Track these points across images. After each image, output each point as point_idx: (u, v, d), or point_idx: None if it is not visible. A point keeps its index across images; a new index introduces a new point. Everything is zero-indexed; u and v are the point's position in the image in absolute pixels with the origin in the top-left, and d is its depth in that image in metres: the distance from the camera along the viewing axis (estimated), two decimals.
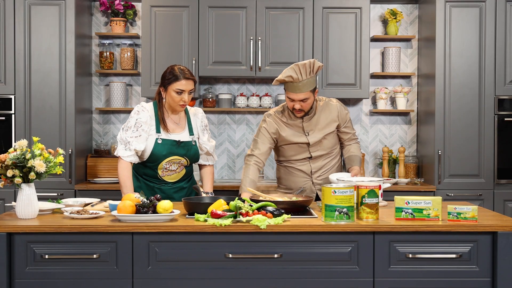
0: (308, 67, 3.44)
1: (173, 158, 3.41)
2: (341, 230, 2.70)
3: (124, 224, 2.70)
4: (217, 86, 5.25)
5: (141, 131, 3.36)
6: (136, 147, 3.34)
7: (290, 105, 3.54)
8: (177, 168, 3.45)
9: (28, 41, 4.67)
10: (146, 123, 3.38)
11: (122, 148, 3.37)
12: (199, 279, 2.70)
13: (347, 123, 3.71)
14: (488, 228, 2.72)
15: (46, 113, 4.69)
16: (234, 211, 2.78)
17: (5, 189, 4.58)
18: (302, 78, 3.43)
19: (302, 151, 3.65)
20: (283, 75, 3.46)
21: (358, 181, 3.24)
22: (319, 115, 3.65)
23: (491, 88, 4.74)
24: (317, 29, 4.87)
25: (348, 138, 3.75)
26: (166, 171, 3.44)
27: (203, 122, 3.55)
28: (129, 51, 5.13)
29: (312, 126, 3.64)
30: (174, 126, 3.46)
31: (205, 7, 4.85)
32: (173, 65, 3.43)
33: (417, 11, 5.25)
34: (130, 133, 3.36)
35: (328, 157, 3.70)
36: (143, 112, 3.40)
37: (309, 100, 3.51)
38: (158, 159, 3.39)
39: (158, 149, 3.37)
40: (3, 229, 2.66)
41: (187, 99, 3.37)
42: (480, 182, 4.76)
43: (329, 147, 3.68)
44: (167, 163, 3.41)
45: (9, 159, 2.76)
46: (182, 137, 3.44)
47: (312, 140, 3.62)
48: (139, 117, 3.38)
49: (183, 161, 3.44)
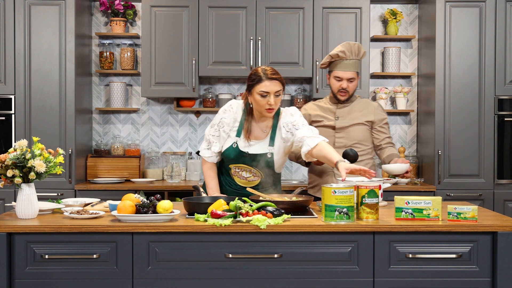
0: (356, 49, 3.57)
1: (240, 165, 3.28)
2: (341, 230, 2.70)
3: (124, 224, 2.70)
4: (217, 86, 5.25)
5: (222, 132, 3.27)
6: (216, 149, 3.29)
7: (337, 85, 3.61)
8: (249, 176, 3.30)
9: (28, 41, 4.67)
10: (229, 124, 3.27)
11: (205, 147, 3.34)
12: (199, 279, 2.70)
13: (383, 124, 3.68)
14: (488, 228, 2.72)
15: (46, 113, 4.69)
16: (234, 211, 2.78)
17: (5, 189, 4.58)
18: (351, 56, 3.57)
19: (328, 135, 3.60)
20: (336, 50, 3.57)
21: (358, 181, 3.24)
22: (354, 105, 3.69)
23: (491, 88, 4.74)
24: (317, 29, 4.87)
25: (384, 139, 3.67)
26: (237, 173, 3.32)
27: (291, 121, 3.22)
28: (129, 51, 5.13)
29: (344, 113, 3.66)
30: (257, 133, 3.27)
31: (205, 7, 4.85)
32: (258, 67, 3.25)
33: (417, 11, 5.25)
34: (213, 131, 3.30)
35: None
36: (229, 112, 3.28)
37: (354, 82, 3.61)
38: (227, 161, 3.30)
39: (228, 151, 3.27)
40: (3, 229, 2.66)
41: (273, 102, 3.13)
42: (480, 182, 4.76)
43: (356, 139, 3.62)
44: (235, 167, 3.30)
45: (9, 159, 2.76)
46: (257, 149, 3.24)
47: (339, 124, 3.63)
48: (223, 117, 3.28)
49: (254, 170, 3.28)
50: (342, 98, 3.63)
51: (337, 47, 3.59)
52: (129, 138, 5.26)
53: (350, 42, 3.59)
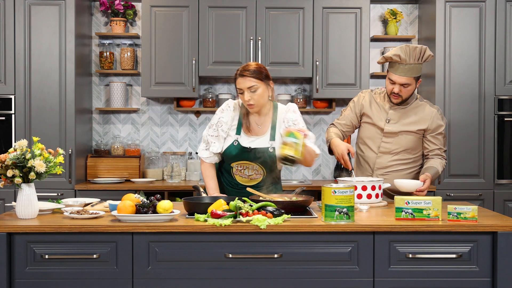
0: (418, 52, 3.33)
1: (242, 163, 3.28)
2: (341, 230, 2.70)
3: (124, 224, 2.70)
4: (217, 86, 5.25)
5: (220, 131, 3.27)
6: (214, 149, 3.28)
7: (390, 88, 3.41)
8: (251, 174, 3.30)
9: (28, 41, 4.67)
10: (227, 123, 3.27)
11: (203, 148, 3.33)
12: (199, 279, 2.70)
13: (437, 133, 3.46)
14: (488, 228, 2.71)
15: (46, 113, 4.69)
16: (234, 211, 2.78)
17: (5, 189, 4.58)
18: (409, 61, 3.33)
19: (375, 136, 3.50)
20: (391, 53, 3.35)
21: (358, 181, 3.24)
22: (409, 110, 3.48)
23: (491, 88, 4.74)
24: (317, 29, 4.87)
25: (433, 150, 3.47)
26: (239, 172, 3.31)
27: (290, 120, 3.26)
28: (129, 51, 5.13)
29: (396, 117, 3.47)
30: (256, 129, 3.28)
31: (205, 7, 4.85)
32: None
33: (417, 11, 5.25)
34: (211, 131, 3.30)
35: (399, 161, 3.50)
36: (227, 111, 3.30)
37: (410, 87, 3.38)
38: (229, 159, 3.29)
39: (230, 149, 3.26)
40: (3, 229, 2.66)
41: (246, 98, 3.15)
42: (480, 182, 4.76)
43: (404, 146, 3.46)
44: (237, 165, 3.29)
45: (9, 159, 2.76)
46: (259, 143, 3.25)
47: (388, 128, 3.46)
48: (221, 116, 3.29)
49: (256, 166, 3.28)
50: (395, 101, 3.44)
51: (394, 49, 3.36)
52: (129, 138, 5.26)
53: (410, 45, 3.34)
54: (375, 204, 3.22)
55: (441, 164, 3.46)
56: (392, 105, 3.49)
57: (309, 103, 5.24)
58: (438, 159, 3.47)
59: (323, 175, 5.28)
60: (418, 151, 3.53)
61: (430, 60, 3.42)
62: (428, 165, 3.44)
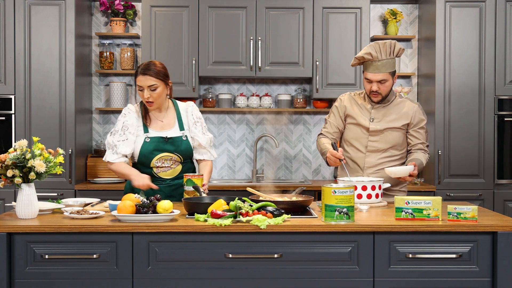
0: (388, 47, 3.37)
1: (162, 155, 3.36)
2: (341, 230, 2.70)
3: (124, 224, 2.70)
4: (217, 86, 5.25)
5: (128, 134, 3.34)
6: (123, 151, 3.32)
7: (368, 87, 3.43)
8: (171, 164, 3.39)
9: (28, 41, 4.67)
10: (133, 125, 3.35)
11: (110, 153, 3.35)
12: (199, 279, 2.70)
13: (419, 127, 3.50)
14: (488, 228, 2.72)
15: (46, 113, 4.69)
16: (234, 211, 2.78)
17: (5, 189, 4.58)
18: (381, 57, 3.37)
19: (361, 136, 3.51)
20: (362, 52, 3.39)
21: (358, 181, 3.24)
22: (392, 107, 3.51)
23: (491, 88, 4.74)
24: (317, 29, 4.87)
25: (416, 144, 3.51)
26: (160, 168, 3.38)
27: (194, 115, 3.45)
28: (129, 51, 5.13)
29: (379, 115, 3.50)
30: (160, 124, 3.40)
31: (205, 7, 4.85)
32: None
33: (417, 11, 5.25)
34: (117, 137, 3.34)
35: (388, 158, 3.51)
36: (130, 114, 3.38)
37: (387, 83, 3.41)
38: (147, 157, 3.35)
39: (145, 147, 3.34)
40: (3, 229, 2.66)
41: (145, 96, 3.28)
42: (480, 182, 4.76)
43: (391, 143, 3.49)
44: (157, 161, 3.36)
45: (9, 159, 2.76)
46: (170, 134, 3.38)
47: (373, 127, 3.48)
48: (125, 120, 3.36)
49: (175, 157, 3.39)
50: (375, 99, 3.46)
51: (364, 48, 3.40)
52: None
53: (379, 42, 3.39)
54: (375, 204, 3.22)
55: (424, 158, 3.48)
56: (373, 105, 3.53)
57: (309, 103, 5.24)
58: (421, 152, 3.50)
59: (323, 175, 5.29)
60: (405, 147, 3.57)
61: (401, 54, 3.45)
62: (412, 158, 3.47)
